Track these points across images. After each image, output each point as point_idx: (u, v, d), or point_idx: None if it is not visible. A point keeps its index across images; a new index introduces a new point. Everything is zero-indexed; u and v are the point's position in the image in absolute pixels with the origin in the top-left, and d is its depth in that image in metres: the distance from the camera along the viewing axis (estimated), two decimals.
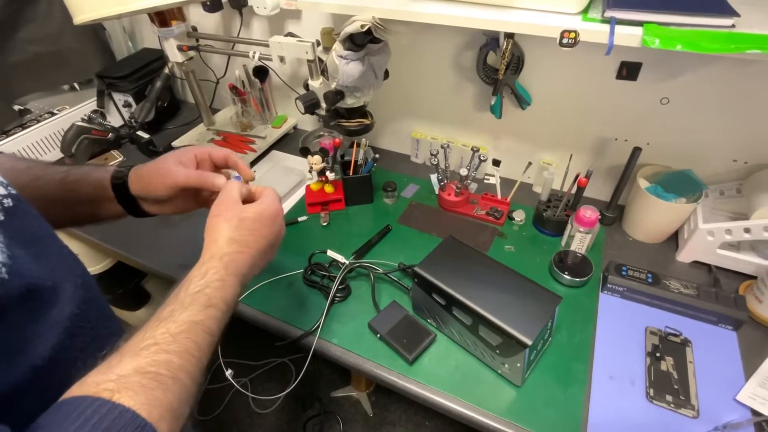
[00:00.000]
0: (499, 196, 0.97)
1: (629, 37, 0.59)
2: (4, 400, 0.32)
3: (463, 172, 0.93)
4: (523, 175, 0.97)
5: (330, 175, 0.95)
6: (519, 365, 0.63)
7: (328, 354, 0.73)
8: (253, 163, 1.16)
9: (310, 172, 0.96)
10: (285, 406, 1.41)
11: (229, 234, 0.48)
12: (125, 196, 0.58)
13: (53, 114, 1.21)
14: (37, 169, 0.54)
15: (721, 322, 0.72)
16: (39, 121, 1.17)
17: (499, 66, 0.84)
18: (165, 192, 0.56)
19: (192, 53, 1.07)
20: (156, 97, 1.09)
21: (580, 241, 0.83)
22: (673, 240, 0.89)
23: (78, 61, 1.28)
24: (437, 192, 1.02)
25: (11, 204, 0.37)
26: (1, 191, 0.37)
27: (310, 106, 0.87)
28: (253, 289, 0.82)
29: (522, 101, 0.90)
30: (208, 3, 0.99)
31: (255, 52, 0.95)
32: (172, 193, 0.56)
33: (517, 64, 0.85)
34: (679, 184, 0.83)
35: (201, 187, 0.56)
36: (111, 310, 0.48)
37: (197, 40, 1.07)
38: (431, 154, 0.97)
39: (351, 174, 0.97)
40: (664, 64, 0.77)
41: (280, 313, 0.78)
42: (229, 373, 0.63)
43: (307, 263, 0.84)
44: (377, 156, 0.99)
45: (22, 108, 1.24)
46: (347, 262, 0.81)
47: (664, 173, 0.86)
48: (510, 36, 0.79)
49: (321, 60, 0.86)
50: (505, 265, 0.69)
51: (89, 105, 1.27)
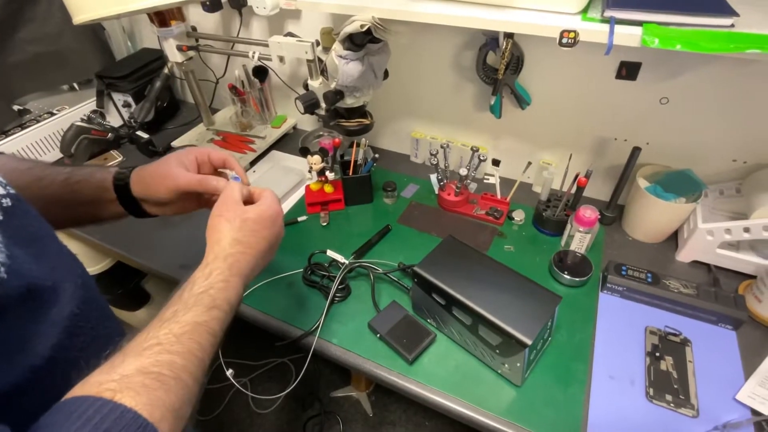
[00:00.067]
0: (498, 196, 0.97)
1: (629, 36, 0.59)
2: (3, 399, 0.32)
3: (463, 172, 0.93)
4: (523, 175, 0.97)
5: (330, 175, 0.95)
6: (519, 365, 0.63)
7: (327, 354, 0.73)
8: (252, 163, 1.16)
9: (309, 172, 0.96)
10: (285, 406, 1.41)
11: (233, 235, 0.48)
12: (127, 198, 0.58)
13: (53, 114, 1.21)
14: (39, 169, 0.54)
15: (721, 322, 0.73)
16: (38, 121, 1.17)
17: (498, 66, 0.84)
18: (166, 195, 0.56)
19: (191, 53, 1.07)
20: (155, 97, 1.09)
21: (579, 240, 0.83)
22: (673, 240, 0.89)
23: (77, 61, 1.28)
24: (437, 192, 1.02)
25: (10, 204, 0.37)
26: (0, 191, 0.37)
27: (310, 106, 0.87)
28: (253, 289, 0.82)
29: (521, 101, 0.90)
30: (208, 3, 0.99)
31: (254, 52, 0.95)
32: (174, 196, 0.56)
33: (516, 64, 0.85)
34: (679, 184, 0.83)
35: (202, 191, 0.56)
36: (110, 310, 0.48)
37: (197, 40, 1.07)
38: (431, 154, 0.97)
39: (351, 174, 0.97)
40: (664, 64, 0.77)
41: (280, 313, 0.78)
42: (230, 372, 0.63)
43: (306, 263, 0.84)
44: (377, 156, 0.99)
45: (22, 108, 1.24)
46: (347, 262, 0.81)
47: (663, 173, 0.86)
48: (509, 36, 0.79)
49: (320, 60, 0.86)
50: (504, 265, 0.69)
51: (89, 105, 1.27)
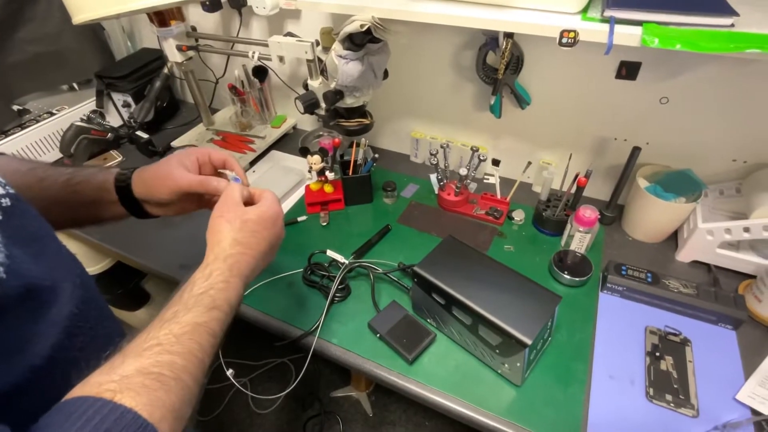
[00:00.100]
0: (498, 196, 0.97)
1: (628, 36, 0.59)
2: (3, 399, 0.32)
3: (463, 172, 0.93)
4: (523, 175, 0.97)
5: (329, 175, 0.95)
6: (519, 365, 0.63)
7: (327, 354, 0.73)
8: (252, 162, 1.16)
9: (309, 171, 0.96)
10: (285, 406, 1.41)
11: (233, 235, 0.48)
12: (128, 199, 0.58)
13: (52, 114, 1.21)
14: (40, 170, 0.54)
15: (721, 322, 0.72)
16: (38, 121, 1.17)
17: (498, 66, 0.84)
18: (168, 196, 0.56)
19: (191, 53, 1.07)
20: (155, 97, 1.09)
21: (579, 240, 0.83)
22: (673, 239, 0.89)
23: (77, 61, 1.28)
24: (437, 192, 1.02)
25: (9, 204, 0.37)
26: (0, 191, 0.37)
27: (310, 105, 0.87)
28: (253, 289, 0.82)
29: (521, 101, 0.90)
30: (208, 3, 0.99)
31: (254, 52, 0.95)
32: (175, 197, 0.56)
33: (516, 63, 0.85)
34: (679, 184, 0.83)
35: (203, 192, 0.56)
36: (110, 310, 0.48)
37: (196, 40, 1.07)
38: (431, 154, 0.97)
39: (350, 174, 0.97)
40: (664, 64, 0.77)
41: (280, 313, 0.78)
42: (230, 372, 0.63)
43: (306, 263, 0.84)
44: (377, 156, 0.99)
45: (21, 108, 1.24)
46: (347, 262, 0.81)
47: (663, 173, 0.86)
48: (509, 36, 0.79)
49: (320, 60, 0.86)
50: (504, 265, 0.69)
51: (88, 105, 1.27)
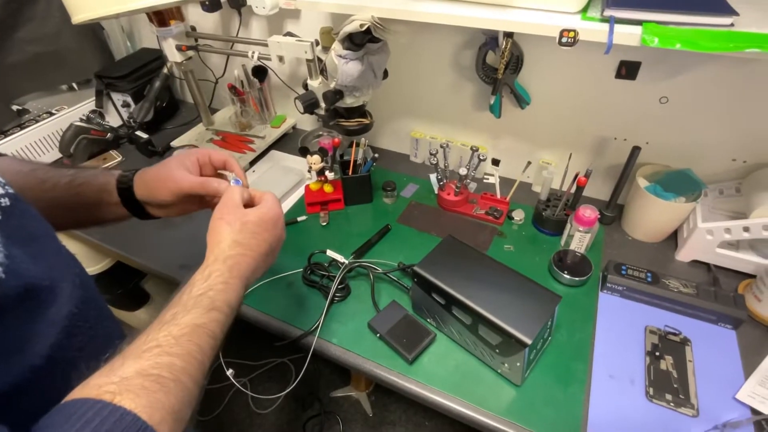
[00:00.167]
0: (498, 196, 0.97)
1: (628, 36, 0.59)
2: (3, 399, 0.32)
3: (463, 172, 0.93)
4: (523, 175, 0.97)
5: (329, 175, 0.95)
6: (519, 364, 0.63)
7: (327, 354, 0.73)
8: (252, 162, 1.16)
9: (309, 171, 0.96)
10: (285, 406, 1.41)
11: (233, 237, 0.48)
12: (130, 200, 0.58)
13: (52, 114, 1.21)
14: (42, 172, 0.54)
15: (721, 321, 0.72)
16: (37, 121, 1.17)
17: (498, 65, 0.83)
18: (169, 197, 0.56)
19: (191, 53, 1.07)
20: (155, 96, 1.09)
21: (579, 240, 0.83)
22: (673, 239, 0.89)
23: (76, 60, 1.28)
24: (436, 191, 1.02)
25: (9, 203, 0.37)
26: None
27: (309, 105, 0.87)
28: (253, 289, 0.82)
29: (521, 100, 0.90)
30: (207, 2, 0.99)
31: (254, 52, 0.95)
32: (176, 199, 0.57)
33: (516, 63, 0.85)
34: (679, 184, 0.83)
35: (204, 193, 0.56)
36: (109, 310, 0.48)
37: (196, 40, 1.07)
38: (430, 154, 0.97)
39: (350, 174, 0.97)
40: (663, 63, 0.77)
41: (280, 313, 0.78)
42: (230, 372, 0.63)
43: (306, 263, 0.84)
44: (376, 155, 0.99)
45: (21, 108, 1.24)
46: (347, 262, 0.81)
47: (663, 172, 0.86)
48: (509, 35, 0.79)
49: (320, 59, 0.86)
50: (504, 265, 0.69)
51: (88, 105, 1.27)
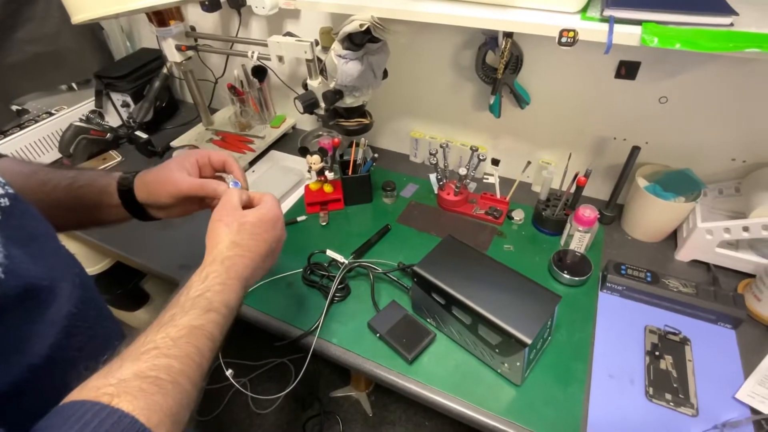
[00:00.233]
0: (498, 196, 0.97)
1: (628, 36, 0.59)
2: (2, 399, 0.32)
3: (462, 172, 0.93)
4: (522, 175, 0.97)
5: (329, 175, 0.95)
6: (519, 364, 0.63)
7: (327, 354, 0.73)
8: (251, 163, 1.16)
9: (309, 171, 0.96)
10: (284, 406, 1.41)
11: (230, 238, 0.48)
12: (131, 202, 0.58)
13: (51, 114, 1.21)
14: (43, 174, 0.54)
15: (720, 321, 0.73)
16: (37, 122, 1.17)
17: (498, 65, 0.84)
18: (169, 200, 0.56)
19: (190, 53, 1.07)
20: (154, 97, 1.09)
21: (579, 240, 0.83)
22: (672, 239, 0.89)
23: (76, 60, 1.28)
24: (436, 191, 1.02)
25: (8, 204, 0.37)
26: None
27: (309, 105, 0.87)
28: (253, 289, 0.82)
29: (521, 100, 0.90)
30: (207, 2, 0.99)
31: (253, 52, 0.95)
32: (176, 201, 0.57)
33: (515, 63, 0.85)
34: (678, 183, 0.83)
35: (204, 195, 0.56)
36: (109, 310, 0.48)
37: (196, 40, 1.06)
38: (430, 154, 0.97)
39: (350, 174, 0.97)
40: (663, 63, 0.77)
41: (280, 313, 0.78)
42: (229, 373, 0.63)
43: (306, 263, 0.84)
44: (376, 155, 0.99)
45: (20, 108, 1.24)
46: (346, 262, 0.81)
47: (662, 172, 0.86)
48: (509, 35, 0.79)
49: (320, 59, 0.86)
50: (504, 265, 0.69)
51: (87, 105, 1.27)
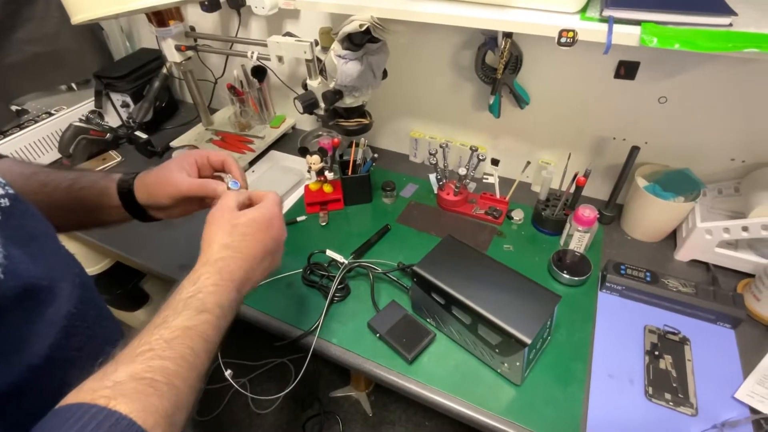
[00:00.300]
0: (497, 196, 0.97)
1: (627, 36, 0.60)
2: (2, 399, 0.32)
3: (462, 172, 0.93)
4: (522, 175, 0.97)
5: (329, 175, 0.95)
6: (518, 364, 0.63)
7: (327, 354, 0.73)
8: (251, 163, 1.16)
9: (308, 171, 0.96)
10: (284, 406, 1.41)
11: (222, 240, 0.48)
12: (132, 204, 0.58)
13: (51, 114, 1.21)
14: (43, 175, 0.54)
15: (720, 321, 0.73)
16: (36, 122, 1.17)
17: (497, 65, 0.84)
18: (169, 201, 0.56)
19: (190, 53, 1.07)
20: (154, 97, 1.09)
21: (578, 240, 0.83)
22: (672, 239, 0.89)
23: (75, 61, 1.28)
24: (436, 191, 1.02)
25: (8, 204, 0.37)
26: None
27: (309, 105, 0.87)
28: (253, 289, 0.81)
29: (520, 100, 0.90)
30: (206, 3, 0.99)
31: (253, 52, 0.95)
32: (176, 202, 0.57)
33: (515, 63, 0.85)
34: (678, 183, 0.83)
35: (203, 195, 0.56)
36: (108, 310, 0.48)
37: (195, 40, 1.06)
38: (430, 154, 0.97)
39: (350, 174, 0.97)
40: (662, 63, 0.77)
41: (280, 313, 0.78)
42: (228, 373, 0.63)
43: (306, 263, 0.84)
44: (376, 155, 0.99)
45: (20, 108, 1.24)
46: (346, 262, 0.81)
47: (662, 172, 0.86)
48: (508, 35, 0.79)
49: (319, 60, 0.86)
50: (504, 264, 0.69)
51: (87, 105, 1.26)
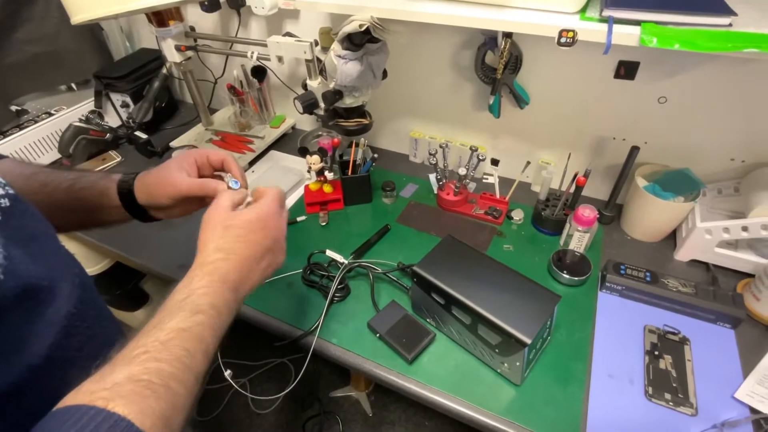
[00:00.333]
0: (497, 196, 0.97)
1: (627, 36, 0.60)
2: (2, 399, 0.32)
3: (462, 172, 0.93)
4: (522, 175, 0.97)
5: (329, 175, 0.95)
6: (518, 364, 0.63)
7: (327, 354, 0.73)
8: (251, 163, 1.15)
9: (308, 172, 0.96)
10: (284, 406, 1.41)
11: (215, 243, 0.47)
12: (131, 204, 0.58)
13: (51, 114, 1.21)
14: (43, 175, 0.54)
15: (719, 320, 0.73)
16: (36, 122, 1.17)
17: (497, 65, 0.84)
18: (169, 201, 0.56)
19: (190, 53, 1.07)
20: (154, 97, 1.09)
21: (578, 240, 0.83)
22: (671, 239, 0.89)
23: (75, 61, 1.28)
24: (436, 191, 1.02)
25: (8, 204, 0.37)
26: None
27: (309, 105, 0.87)
28: None
29: (520, 101, 0.90)
30: (206, 3, 0.99)
31: (253, 52, 0.95)
32: (176, 202, 0.57)
33: (515, 63, 0.85)
34: (677, 183, 0.83)
35: (203, 195, 0.56)
36: (108, 310, 0.48)
37: (195, 40, 1.06)
38: (430, 154, 0.97)
39: (350, 174, 0.97)
40: (662, 64, 0.77)
41: (280, 313, 0.78)
42: (228, 373, 0.63)
43: (306, 263, 0.84)
44: (376, 156, 0.99)
45: (20, 108, 1.24)
46: (346, 262, 0.81)
47: (662, 172, 0.86)
48: (508, 35, 0.79)
49: (319, 60, 0.86)
50: (504, 264, 0.69)
51: (87, 105, 1.26)
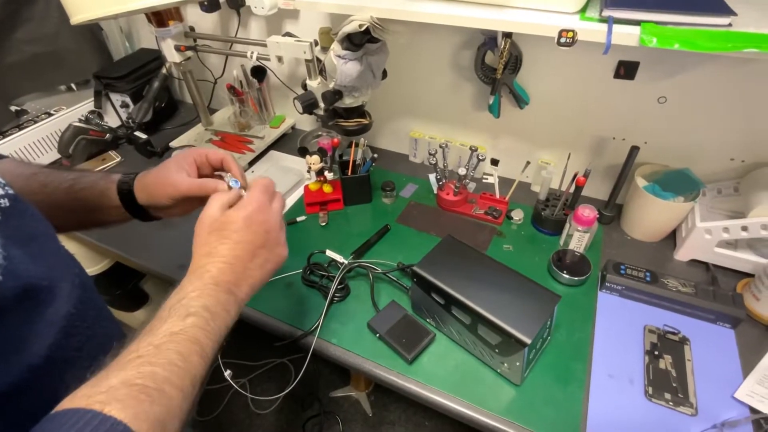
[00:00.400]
0: (497, 196, 0.97)
1: (627, 36, 0.60)
2: (1, 399, 0.32)
3: (462, 172, 0.93)
4: (522, 175, 0.97)
5: (328, 175, 0.95)
6: (518, 364, 0.63)
7: (327, 354, 0.73)
8: (251, 163, 1.16)
9: (308, 172, 0.96)
10: (284, 406, 1.41)
11: (203, 248, 0.47)
12: (131, 204, 0.58)
13: (50, 114, 1.20)
14: (43, 175, 0.54)
15: (719, 320, 0.73)
16: (36, 122, 1.17)
17: (497, 65, 0.84)
18: (168, 201, 0.56)
19: (189, 53, 1.07)
20: (153, 97, 1.09)
21: (578, 240, 0.83)
22: (671, 239, 0.89)
23: (75, 61, 1.28)
24: (436, 191, 1.02)
25: (8, 204, 0.37)
26: None
27: (309, 106, 0.87)
28: None
29: (520, 101, 0.90)
30: (206, 3, 0.99)
31: (253, 52, 0.95)
32: (176, 202, 0.57)
33: (515, 63, 0.85)
34: (677, 183, 0.83)
35: (203, 195, 0.56)
36: (108, 310, 0.48)
37: (195, 40, 1.06)
38: (429, 154, 0.97)
39: (349, 174, 0.97)
40: (662, 63, 0.77)
41: (279, 313, 0.78)
42: (227, 373, 0.63)
43: (306, 263, 0.84)
44: (375, 156, 0.99)
45: (19, 109, 1.24)
46: (346, 262, 0.81)
47: (661, 172, 0.86)
48: (508, 35, 0.79)
49: (319, 60, 0.86)
50: (503, 264, 0.69)
51: (86, 105, 1.26)
